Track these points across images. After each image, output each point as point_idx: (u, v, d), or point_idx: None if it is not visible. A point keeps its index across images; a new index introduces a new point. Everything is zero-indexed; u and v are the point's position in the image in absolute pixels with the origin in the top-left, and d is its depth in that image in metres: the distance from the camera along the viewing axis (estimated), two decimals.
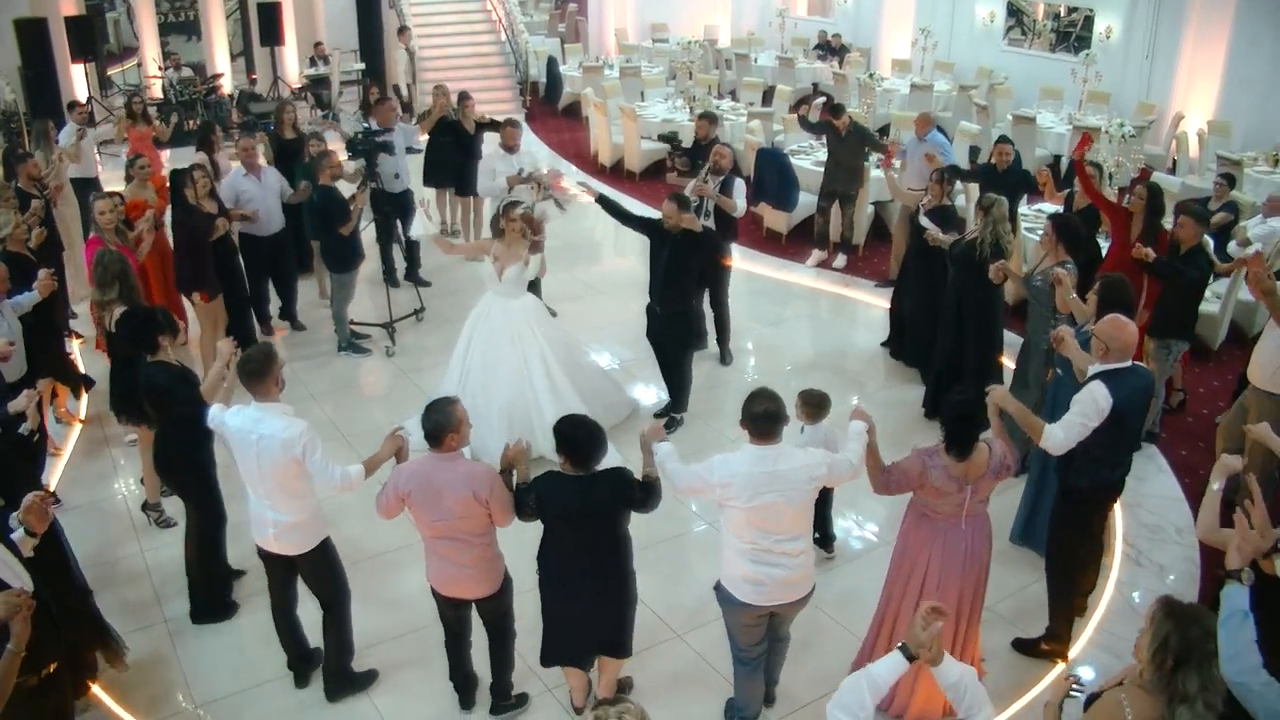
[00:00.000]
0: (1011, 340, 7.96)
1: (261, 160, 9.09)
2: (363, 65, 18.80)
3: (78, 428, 7.91)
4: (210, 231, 8.03)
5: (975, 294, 7.53)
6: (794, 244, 11.95)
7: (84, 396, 8.01)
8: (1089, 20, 17.48)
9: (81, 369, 8.00)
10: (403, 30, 17.67)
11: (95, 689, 5.19)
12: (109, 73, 20.32)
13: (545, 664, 4.93)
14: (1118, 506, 6.88)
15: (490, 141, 10.57)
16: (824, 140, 11.37)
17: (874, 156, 11.12)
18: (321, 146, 9.22)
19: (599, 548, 4.66)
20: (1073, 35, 18.14)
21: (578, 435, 4.53)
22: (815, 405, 5.83)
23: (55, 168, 9.76)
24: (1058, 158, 14.31)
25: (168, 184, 8.39)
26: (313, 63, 18.24)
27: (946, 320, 7.85)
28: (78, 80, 16.85)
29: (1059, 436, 4.96)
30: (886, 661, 3.37)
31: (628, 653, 4.98)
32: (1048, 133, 14.72)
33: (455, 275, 10.89)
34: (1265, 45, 14.48)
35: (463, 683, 5.20)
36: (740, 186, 8.75)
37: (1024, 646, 5.68)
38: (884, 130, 14.97)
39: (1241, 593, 3.41)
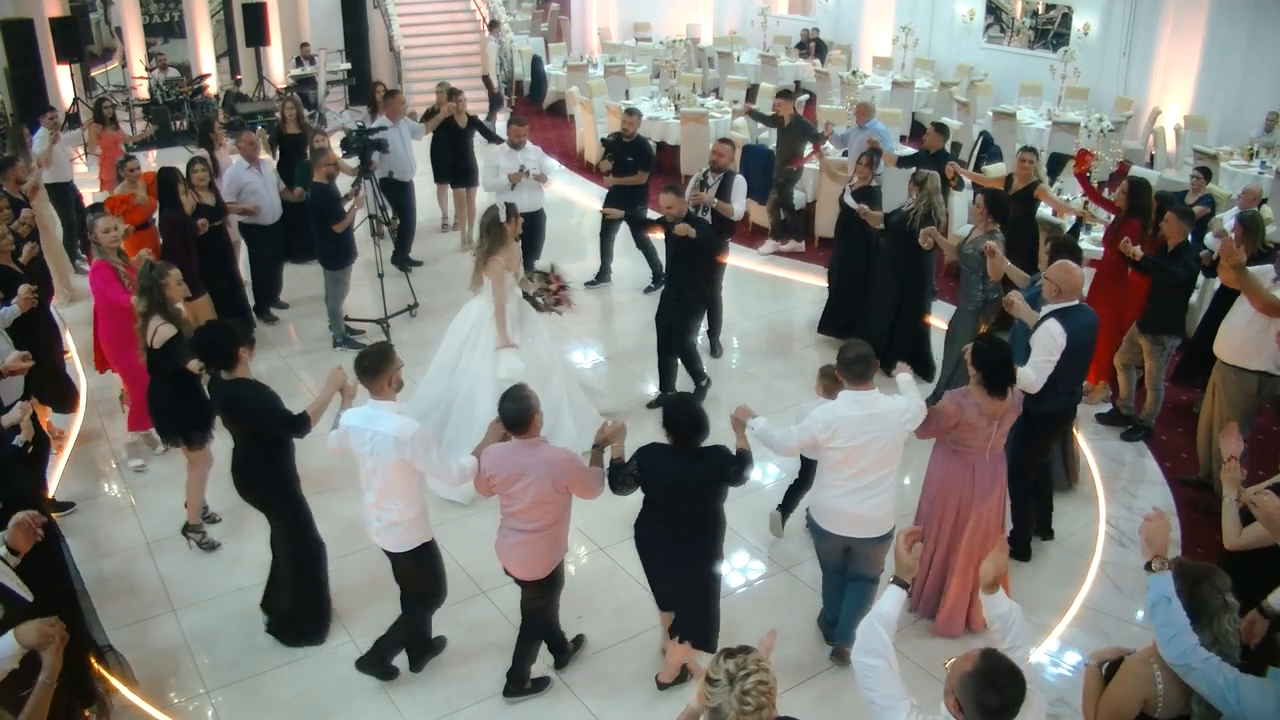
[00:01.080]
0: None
1: (263, 154, 9.27)
2: (348, 65, 18.87)
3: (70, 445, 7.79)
4: (196, 230, 8.05)
5: (906, 261, 8.33)
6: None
7: (78, 412, 7.94)
8: (1066, 17, 17.73)
9: (79, 385, 7.97)
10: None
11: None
12: (93, 74, 20.31)
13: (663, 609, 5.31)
14: (1100, 491, 7.15)
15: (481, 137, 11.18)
16: (773, 133, 11.74)
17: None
18: (324, 142, 9.40)
19: (694, 524, 4.93)
20: (1050, 32, 18.39)
21: (681, 416, 4.80)
22: (834, 379, 5.77)
23: (32, 175, 9.51)
24: (1035, 152, 14.52)
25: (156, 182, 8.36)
26: (299, 63, 18.28)
27: (880, 286, 8.61)
28: (63, 82, 16.89)
29: (1031, 376, 5.68)
30: (887, 597, 3.58)
31: (706, 647, 5.12)
32: (1028, 128, 14.94)
33: (445, 270, 11.06)
34: (1239, 42, 14.74)
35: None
36: (741, 185, 8.96)
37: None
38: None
39: (1162, 580, 3.59)
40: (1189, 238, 7.56)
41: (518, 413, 4.73)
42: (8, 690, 3.68)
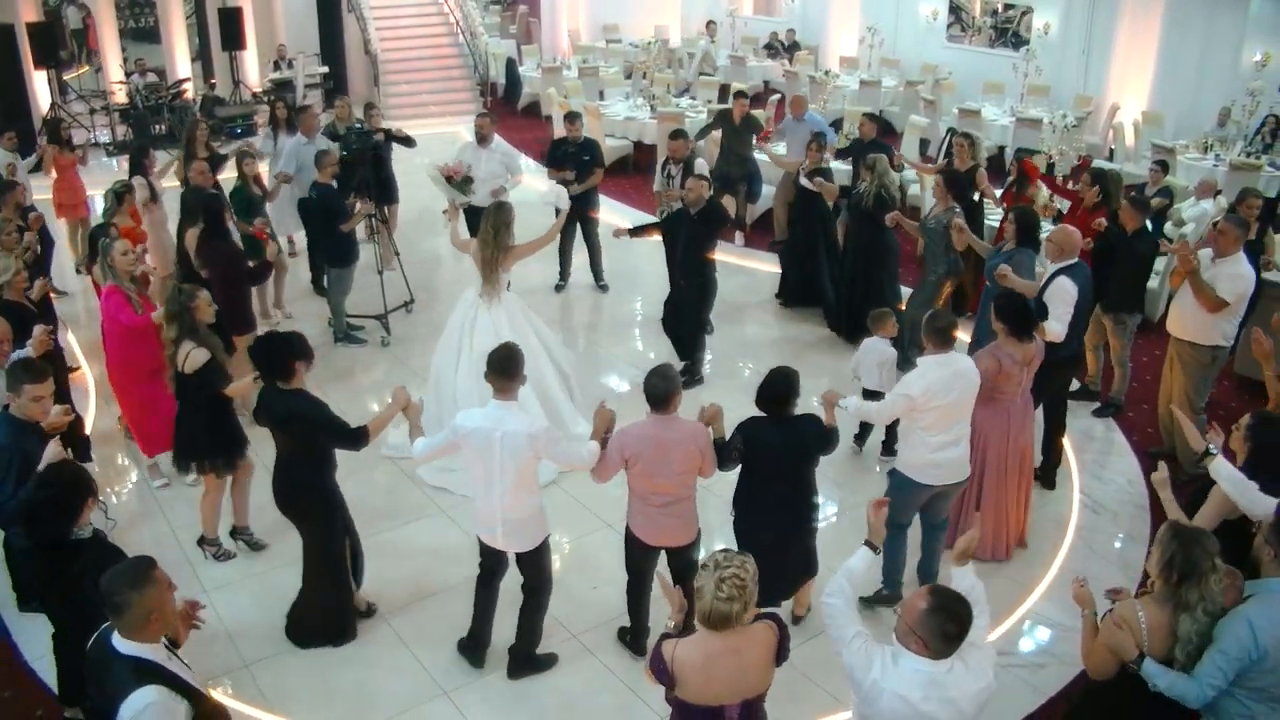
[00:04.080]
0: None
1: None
2: (325, 69, 19.05)
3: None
4: (247, 269, 7.87)
5: (862, 236, 9.26)
6: (755, 233, 12.51)
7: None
8: (1026, 16, 18.27)
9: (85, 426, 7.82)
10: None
11: None
12: (65, 78, 20.33)
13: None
14: (1073, 463, 7.61)
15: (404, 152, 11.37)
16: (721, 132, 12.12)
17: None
18: (252, 166, 9.56)
19: (798, 481, 5.45)
20: (1010, 31, 18.94)
21: (780, 385, 5.29)
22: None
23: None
24: (1002, 148, 15.06)
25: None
26: (276, 66, 18.43)
27: (843, 257, 9.64)
28: (40, 88, 16.97)
29: (1056, 328, 6.57)
30: (858, 557, 4.05)
31: (816, 570, 5.74)
32: (992, 125, 15.45)
33: (440, 267, 11.38)
34: (1193, 40, 15.33)
35: (639, 630, 5.69)
36: (702, 166, 9.72)
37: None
38: (837, 124, 15.56)
39: (1149, 672, 3.87)
40: (1147, 225, 8.07)
41: (665, 390, 5.00)
42: None
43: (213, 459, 6.22)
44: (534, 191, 12.63)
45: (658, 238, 9.08)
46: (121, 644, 3.48)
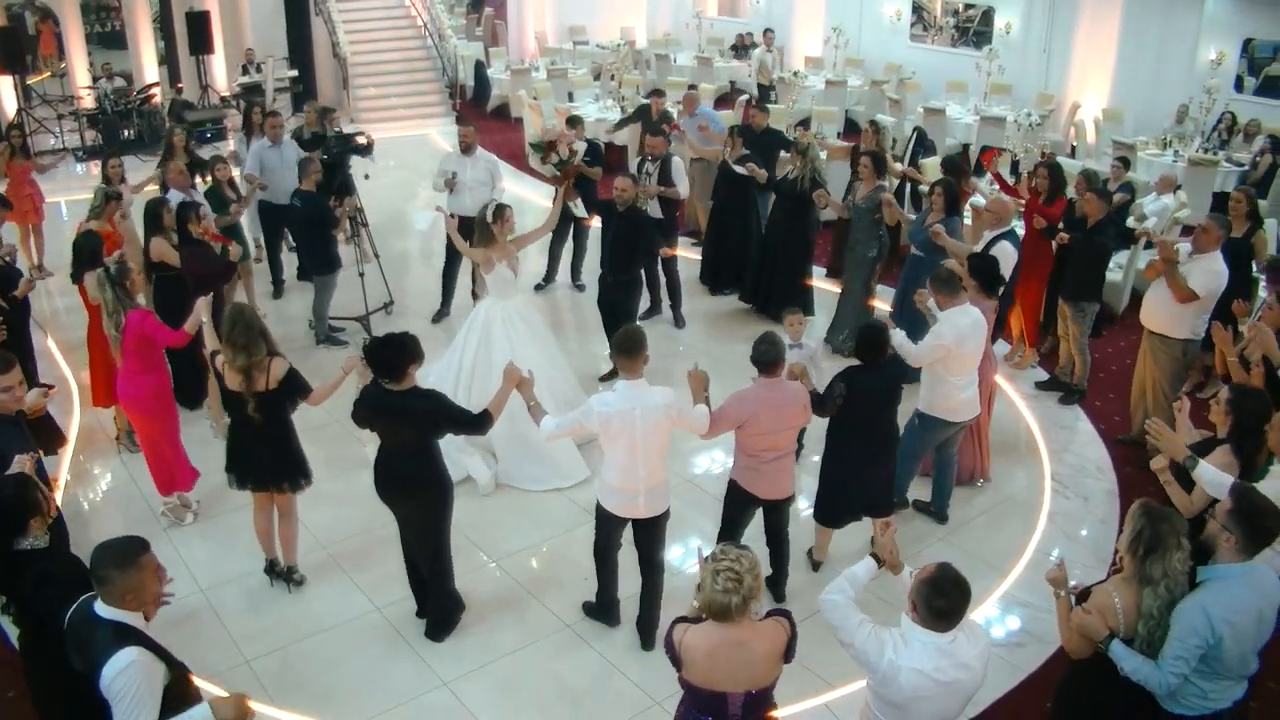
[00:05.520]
0: None
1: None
2: (295, 72, 19.03)
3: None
4: (220, 267, 7.97)
5: (791, 217, 9.72)
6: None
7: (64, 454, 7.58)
8: (986, 16, 18.60)
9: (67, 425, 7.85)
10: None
11: None
12: (28, 82, 20.19)
13: (824, 523, 6.39)
14: (1044, 451, 7.87)
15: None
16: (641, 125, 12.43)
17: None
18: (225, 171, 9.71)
19: (890, 418, 6.20)
20: (971, 30, 19.29)
21: (874, 338, 5.95)
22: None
23: None
24: (966, 146, 15.34)
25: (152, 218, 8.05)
26: (245, 70, 18.40)
27: (768, 236, 10.09)
28: (7, 94, 16.89)
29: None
30: (862, 565, 4.21)
31: (891, 509, 6.38)
32: (956, 123, 15.75)
33: (420, 268, 11.49)
34: (1151, 40, 15.71)
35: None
36: (679, 165, 9.96)
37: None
38: (804, 123, 15.74)
39: (1117, 654, 4.07)
40: (1110, 216, 8.45)
41: (773, 355, 5.52)
42: None
43: (295, 475, 6.07)
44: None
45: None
46: (103, 609, 3.65)
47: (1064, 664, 4.53)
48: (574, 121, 10.80)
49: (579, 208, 9.88)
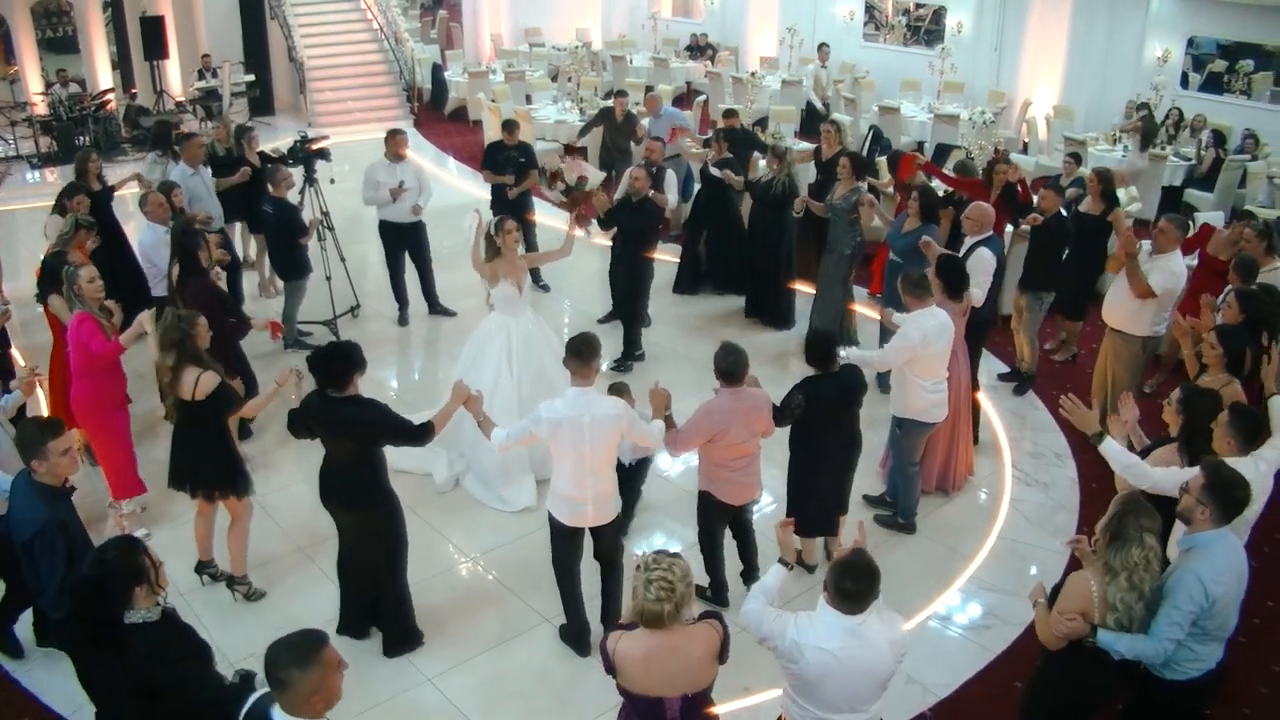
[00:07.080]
0: None
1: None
2: (251, 77, 18.92)
3: None
4: (221, 301, 7.69)
5: (769, 220, 9.83)
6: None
7: None
8: (937, 15, 18.89)
9: None
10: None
11: None
12: None
13: (802, 535, 6.29)
14: (1004, 440, 8.07)
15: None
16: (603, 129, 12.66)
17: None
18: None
19: (850, 423, 6.21)
20: (922, 29, 19.59)
21: (821, 344, 5.99)
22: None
23: None
24: (921, 144, 15.59)
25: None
26: (201, 75, 18.27)
27: (753, 243, 10.13)
28: None
29: (978, 294, 7.19)
30: (771, 573, 4.36)
31: (846, 509, 6.47)
32: (911, 121, 16.00)
33: (376, 275, 11.51)
34: (1099, 37, 16.07)
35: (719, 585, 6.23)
36: (672, 179, 10.01)
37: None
38: (762, 123, 15.92)
39: (1105, 640, 4.19)
40: (1062, 210, 8.76)
41: (738, 365, 5.56)
42: None
43: (235, 481, 6.10)
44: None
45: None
46: (283, 717, 3.37)
47: (1038, 650, 4.62)
48: (509, 126, 10.73)
49: (592, 233, 9.99)
